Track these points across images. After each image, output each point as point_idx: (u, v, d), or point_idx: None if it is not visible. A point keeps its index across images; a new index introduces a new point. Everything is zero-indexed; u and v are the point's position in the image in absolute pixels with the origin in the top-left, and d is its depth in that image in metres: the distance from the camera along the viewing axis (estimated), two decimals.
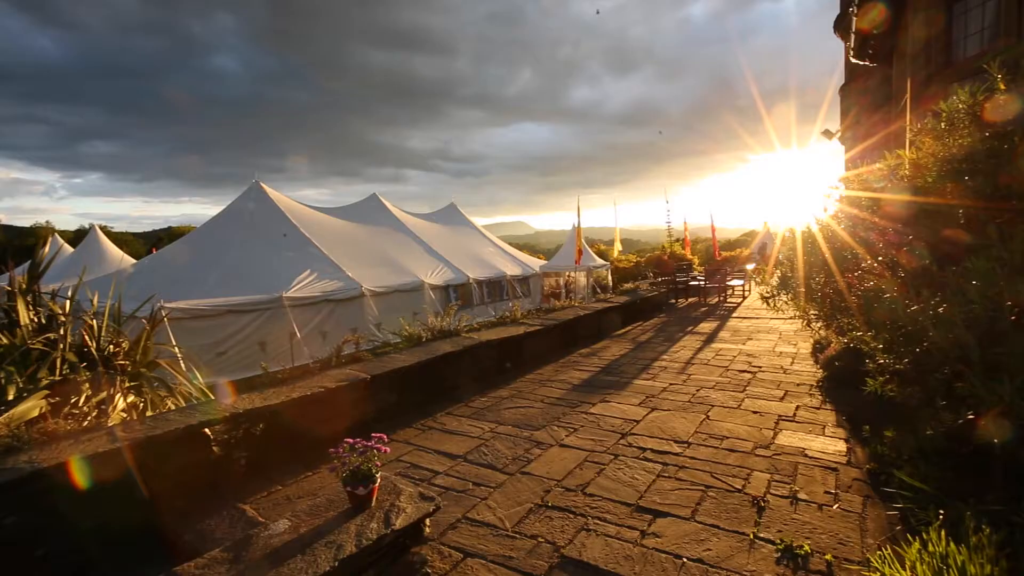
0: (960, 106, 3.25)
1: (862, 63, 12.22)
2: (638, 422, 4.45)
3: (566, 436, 4.20)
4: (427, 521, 2.68)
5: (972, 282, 1.97)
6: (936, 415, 2.42)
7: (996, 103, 3.07)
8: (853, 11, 10.52)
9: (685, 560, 2.53)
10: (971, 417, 2.05)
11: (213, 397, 4.36)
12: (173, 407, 4.10)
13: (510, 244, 23.16)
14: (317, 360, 5.30)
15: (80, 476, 2.64)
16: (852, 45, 11.89)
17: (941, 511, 2.50)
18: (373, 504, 2.52)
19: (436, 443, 4.17)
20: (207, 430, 3.42)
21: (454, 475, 3.58)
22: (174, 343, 7.73)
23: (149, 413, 3.98)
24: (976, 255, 2.19)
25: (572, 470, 3.57)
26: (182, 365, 5.04)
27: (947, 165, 3.03)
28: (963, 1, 7.79)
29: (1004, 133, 2.80)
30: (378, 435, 2.55)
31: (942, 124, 3.40)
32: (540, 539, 2.75)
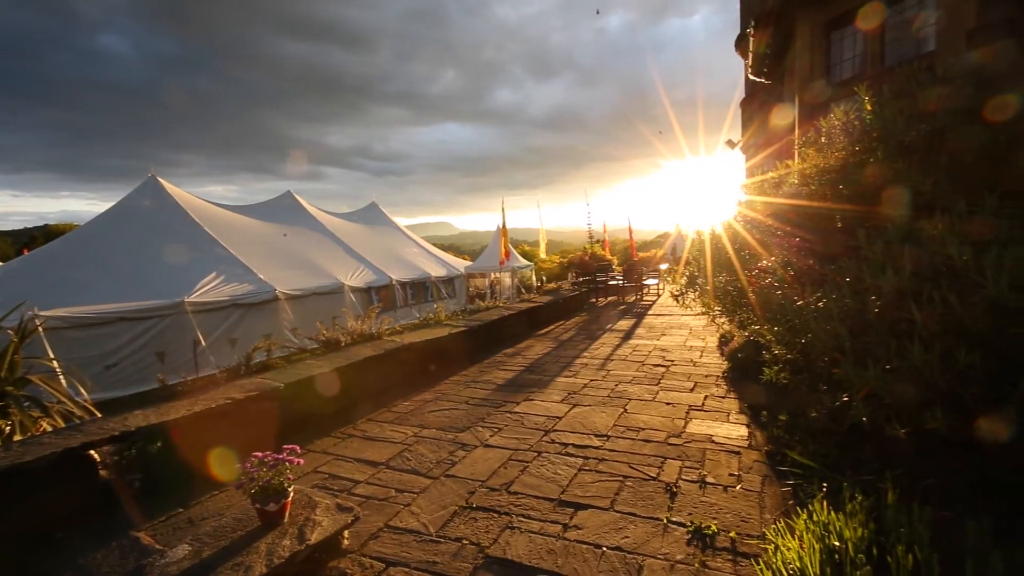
0: (836, 123, 3.65)
1: (759, 80, 13.37)
2: (560, 418, 4.56)
3: (491, 436, 4.21)
4: (345, 533, 2.57)
5: (846, 279, 2.23)
6: (820, 399, 2.70)
7: (866, 121, 3.48)
8: (750, 32, 11.46)
9: (605, 549, 2.63)
10: (845, 399, 2.31)
11: (100, 415, 3.91)
12: (50, 429, 3.63)
13: (434, 245, 22.90)
14: (224, 369, 4.92)
15: None
16: (750, 63, 12.99)
17: (825, 484, 2.79)
18: (286, 520, 2.39)
19: (356, 451, 4.02)
20: (93, 452, 3.07)
21: (376, 483, 3.47)
22: (51, 356, 6.85)
23: (18, 437, 3.50)
24: (849, 255, 2.48)
25: (496, 470, 3.59)
26: (61, 381, 4.48)
27: (826, 175, 3.39)
28: (839, 30, 8.68)
29: (871, 148, 3.19)
30: (291, 447, 2.41)
31: (822, 139, 3.81)
32: (465, 541, 2.74)
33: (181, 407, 3.64)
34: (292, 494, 2.40)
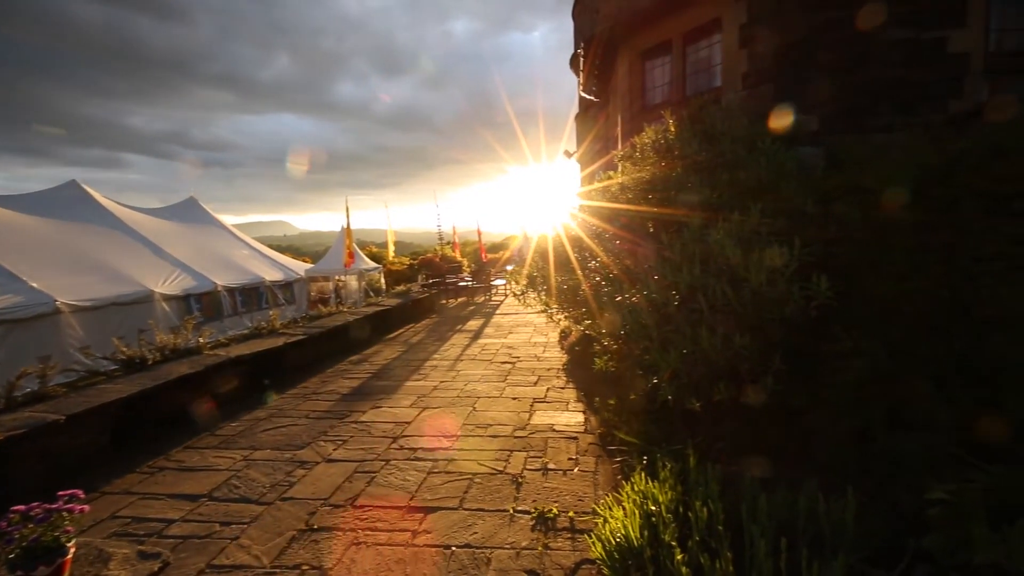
0: (647, 141, 4.18)
1: (590, 97, 14.76)
2: (410, 423, 4.48)
3: (334, 450, 3.96)
4: None
5: (654, 276, 2.58)
6: (637, 382, 3.07)
7: (670, 141, 4.04)
8: (580, 52, 12.55)
9: (454, 549, 2.65)
10: (655, 381, 2.67)
11: None
12: None
13: (270, 246, 20.84)
14: None
15: None
16: (582, 81, 14.26)
17: (645, 457, 3.17)
18: None
19: (170, 486, 3.46)
20: None
21: (195, 519, 3.03)
22: None
23: None
24: (658, 255, 2.86)
25: (341, 485, 3.39)
26: None
27: (640, 186, 3.87)
28: (652, 60, 9.94)
29: (673, 164, 3.72)
30: (70, 492, 1.97)
31: (637, 154, 4.33)
32: (304, 567, 2.54)
33: None
34: (73, 550, 1.97)
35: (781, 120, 4.71)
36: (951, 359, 2.46)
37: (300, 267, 18.84)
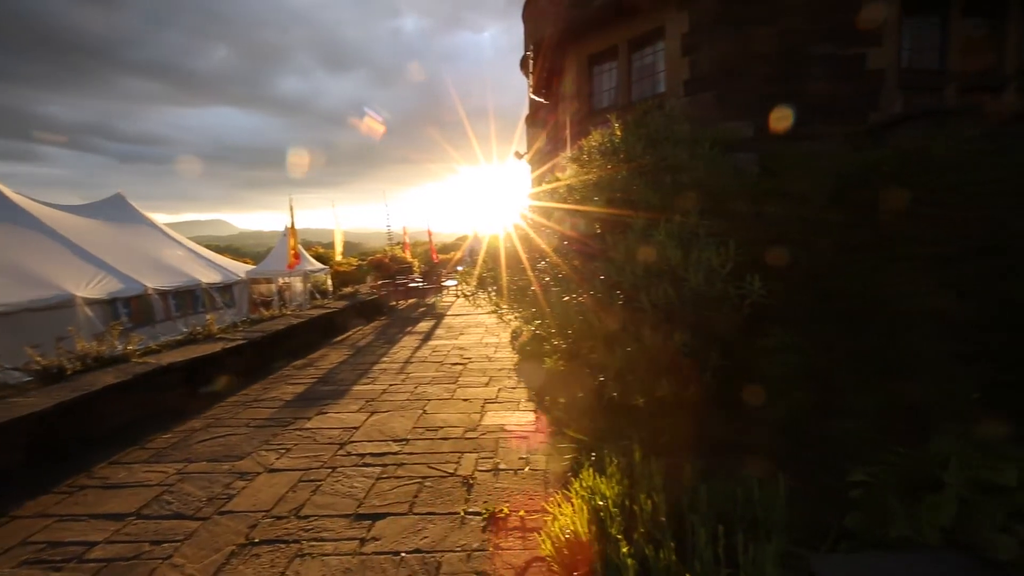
0: (594, 144, 4.27)
1: (540, 100, 14.92)
2: (358, 428, 4.37)
3: (277, 459, 3.80)
4: None
5: (599, 276, 2.64)
6: (585, 380, 3.13)
7: (615, 144, 4.14)
8: (530, 54, 12.66)
9: (403, 555, 2.60)
10: (602, 379, 2.73)
11: None
12: None
13: (208, 246, 19.77)
14: None
15: None
16: (531, 84, 14.41)
17: (593, 454, 3.24)
18: None
19: (92, 505, 3.21)
20: None
21: (122, 540, 2.82)
22: None
23: None
24: (604, 255, 2.93)
25: (284, 495, 3.25)
26: None
27: (587, 188, 3.95)
28: (599, 64, 10.16)
29: (618, 167, 3.82)
30: None
31: (584, 156, 4.41)
32: None
33: None
34: None
35: (730, 128, 4.92)
36: (871, 353, 2.66)
37: (240, 268, 17.99)
